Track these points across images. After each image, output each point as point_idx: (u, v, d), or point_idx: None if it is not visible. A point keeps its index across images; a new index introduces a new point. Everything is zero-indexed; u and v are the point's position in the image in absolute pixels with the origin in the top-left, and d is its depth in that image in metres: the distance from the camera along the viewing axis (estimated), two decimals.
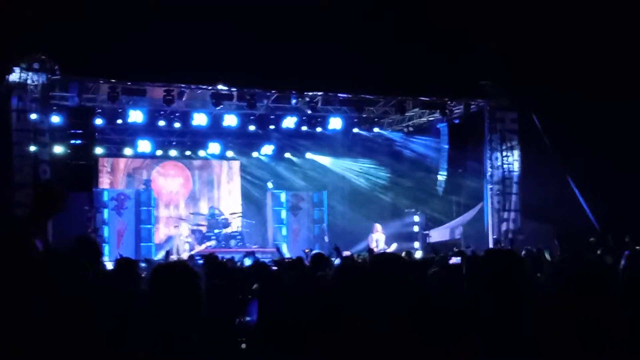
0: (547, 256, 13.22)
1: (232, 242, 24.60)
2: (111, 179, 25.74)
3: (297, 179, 27.68)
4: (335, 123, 23.89)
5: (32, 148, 17.88)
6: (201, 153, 26.26)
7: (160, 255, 22.62)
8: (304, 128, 24.12)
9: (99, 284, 5.63)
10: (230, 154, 26.81)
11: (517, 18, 18.81)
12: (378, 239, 21.53)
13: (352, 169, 27.10)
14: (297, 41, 18.32)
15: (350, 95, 22.00)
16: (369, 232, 22.51)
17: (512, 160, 22.05)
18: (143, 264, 12.83)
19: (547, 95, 19.76)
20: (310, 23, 18.22)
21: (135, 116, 21.79)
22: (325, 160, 27.37)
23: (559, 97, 19.36)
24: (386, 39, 19.09)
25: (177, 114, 22.34)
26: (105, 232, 23.03)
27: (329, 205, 26.92)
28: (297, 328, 4.20)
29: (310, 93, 21.59)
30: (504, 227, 21.78)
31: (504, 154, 22.01)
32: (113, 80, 19.31)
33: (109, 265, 16.69)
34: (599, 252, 14.16)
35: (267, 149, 26.70)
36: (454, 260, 10.34)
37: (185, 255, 21.40)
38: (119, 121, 22.17)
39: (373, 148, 26.16)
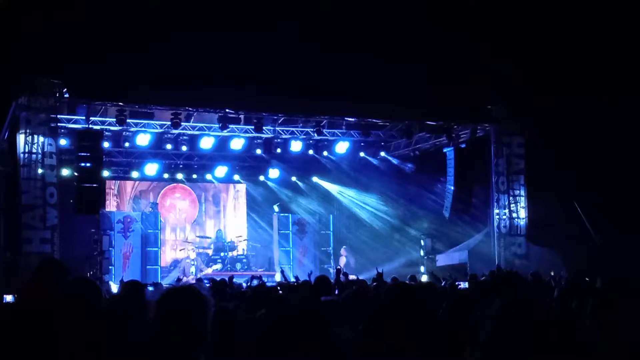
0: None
1: (238, 265, 24.65)
2: (118, 201, 25.81)
3: (303, 202, 27.69)
4: (342, 147, 23.95)
5: (40, 170, 17.94)
6: (208, 176, 26.31)
7: (170, 279, 22.66)
8: (311, 152, 24.15)
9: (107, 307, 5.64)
10: (236, 177, 26.87)
11: (524, 42, 18.87)
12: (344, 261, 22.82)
13: (358, 200, 27.03)
14: (304, 65, 18.40)
15: (356, 119, 22.06)
16: (377, 256, 22.79)
17: (519, 185, 22.03)
18: (151, 288, 12.83)
19: (553, 119, 19.78)
20: (317, 47, 18.31)
21: (143, 139, 21.86)
22: (331, 187, 27.38)
23: (565, 121, 19.38)
24: (393, 64, 19.16)
25: (184, 137, 22.39)
26: (112, 254, 23.03)
27: (334, 229, 26.92)
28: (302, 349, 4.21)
29: (317, 117, 21.67)
30: (510, 251, 21.73)
31: (510, 178, 21.99)
32: (121, 104, 19.39)
33: (114, 288, 16.77)
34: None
35: (274, 173, 26.72)
36: (462, 285, 10.33)
37: (192, 278, 21.44)
38: (127, 144, 22.24)
39: (379, 173, 26.09)
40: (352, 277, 15.94)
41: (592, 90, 18.30)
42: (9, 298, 7.93)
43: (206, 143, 22.59)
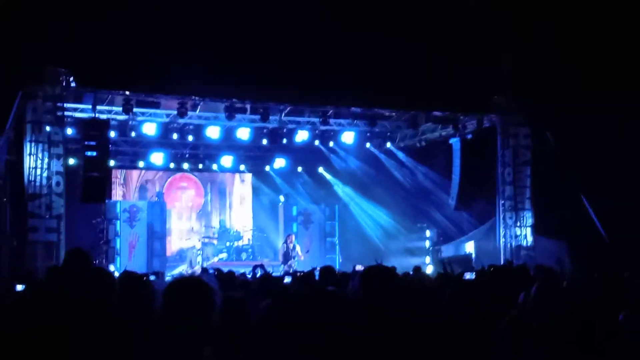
0: None
1: (243, 255, 24.71)
2: (124, 190, 25.84)
3: (309, 192, 27.68)
4: (348, 137, 23.90)
5: (46, 159, 17.96)
6: (214, 166, 26.31)
7: (178, 271, 22.75)
8: (317, 142, 24.14)
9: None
10: (242, 167, 26.87)
11: (531, 32, 18.81)
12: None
13: (362, 194, 26.94)
14: (311, 55, 18.37)
15: (363, 110, 22.03)
16: (382, 248, 22.73)
17: (525, 176, 21.94)
18: (152, 277, 12.81)
19: (561, 110, 19.72)
20: (324, 37, 18.28)
21: (149, 128, 21.87)
22: (335, 181, 27.36)
23: (573, 112, 19.32)
24: (399, 54, 19.13)
25: (190, 127, 22.38)
26: (117, 244, 23.09)
27: (340, 219, 26.92)
28: (309, 341, 4.20)
29: (324, 107, 21.64)
30: (516, 243, 21.71)
31: (517, 169, 21.92)
32: (127, 93, 19.38)
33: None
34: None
35: (280, 163, 26.71)
36: (468, 276, 10.31)
37: (198, 268, 21.48)
38: (133, 133, 22.25)
39: (384, 163, 25.98)
40: (359, 267, 15.90)
41: (600, 82, 18.23)
42: (19, 287, 7.91)
43: (212, 133, 22.55)
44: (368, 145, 25.40)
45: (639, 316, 4.22)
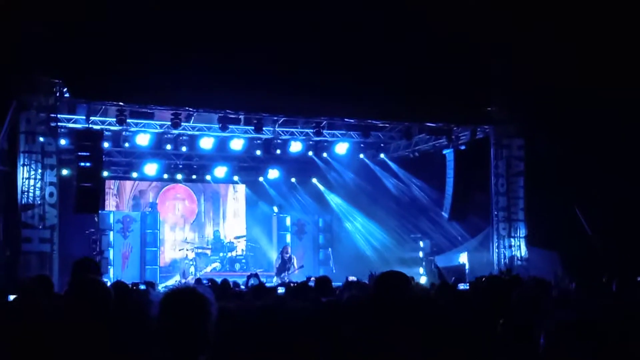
0: None
1: (237, 266, 24.68)
2: (117, 201, 25.79)
3: (302, 203, 27.68)
4: (342, 148, 23.92)
5: (40, 170, 17.92)
6: (207, 177, 26.29)
7: (172, 282, 22.69)
8: (310, 153, 24.13)
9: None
10: (236, 178, 26.86)
11: (525, 43, 18.86)
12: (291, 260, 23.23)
13: (354, 207, 26.88)
14: (305, 66, 18.40)
15: (356, 121, 22.05)
16: (375, 258, 22.70)
17: (518, 187, 21.97)
18: (142, 286, 12.77)
19: (554, 121, 19.77)
20: (317, 48, 18.32)
21: (143, 139, 21.84)
22: (327, 192, 27.33)
23: (566, 123, 19.37)
24: (393, 65, 19.17)
25: (184, 138, 22.36)
26: (111, 254, 23.05)
27: (333, 230, 26.89)
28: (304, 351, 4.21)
29: (317, 118, 21.65)
30: (509, 253, 21.72)
31: (510, 180, 21.95)
32: (121, 103, 19.36)
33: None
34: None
35: (273, 173, 26.70)
36: (462, 286, 10.33)
37: (191, 279, 21.45)
38: (126, 144, 22.21)
39: (378, 175, 25.96)
40: (351, 278, 15.89)
41: (593, 92, 18.29)
42: (12, 297, 7.91)
43: (206, 143, 22.55)
44: (361, 156, 25.41)
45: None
